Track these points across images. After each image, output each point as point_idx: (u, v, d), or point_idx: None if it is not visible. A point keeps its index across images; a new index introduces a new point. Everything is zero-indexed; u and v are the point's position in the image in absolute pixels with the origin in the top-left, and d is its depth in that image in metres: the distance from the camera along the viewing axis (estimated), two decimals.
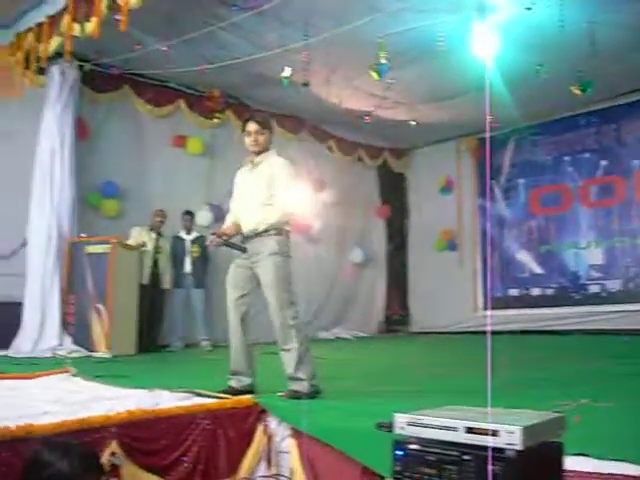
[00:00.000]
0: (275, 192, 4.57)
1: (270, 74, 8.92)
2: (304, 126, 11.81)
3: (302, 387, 4.40)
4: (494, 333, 2.99)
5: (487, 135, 11.27)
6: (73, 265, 8.37)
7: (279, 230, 4.57)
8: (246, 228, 4.64)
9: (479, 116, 9.34)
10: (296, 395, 4.34)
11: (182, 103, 10.38)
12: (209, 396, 4.34)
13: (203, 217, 10.08)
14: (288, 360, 4.48)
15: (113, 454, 3.46)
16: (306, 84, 8.63)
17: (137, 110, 9.93)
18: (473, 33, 7.29)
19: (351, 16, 7.36)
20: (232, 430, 3.98)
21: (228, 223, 4.84)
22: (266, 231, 4.55)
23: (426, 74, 9.21)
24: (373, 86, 9.46)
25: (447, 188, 13.09)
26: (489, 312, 11.99)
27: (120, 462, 3.49)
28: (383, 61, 7.86)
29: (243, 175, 4.84)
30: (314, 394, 4.41)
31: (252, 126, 4.67)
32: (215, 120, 10.59)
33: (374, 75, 8.10)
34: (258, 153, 4.71)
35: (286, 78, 8.28)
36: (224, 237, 4.69)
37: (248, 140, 4.70)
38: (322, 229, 11.87)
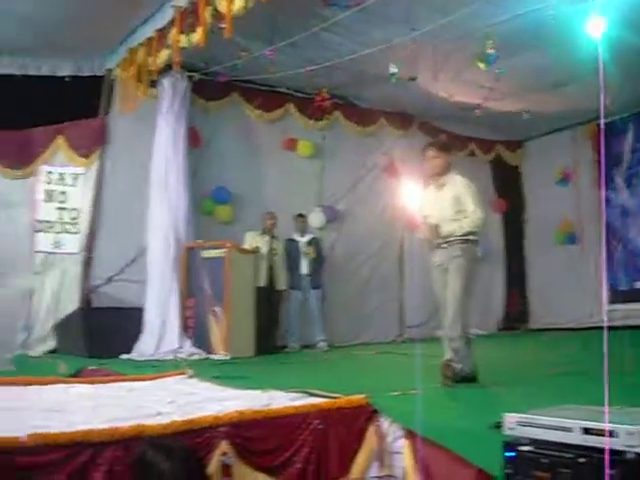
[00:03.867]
0: (463, 208, 5.11)
1: (377, 71, 8.82)
2: (413, 122, 11.65)
3: (460, 369, 4.85)
4: (619, 328, 2.80)
5: (601, 122, 10.68)
6: (190, 270, 8.58)
7: (465, 239, 5.08)
8: (441, 238, 5.15)
9: (595, 102, 8.89)
10: (454, 374, 4.80)
11: (291, 106, 10.48)
12: (321, 396, 4.30)
13: (316, 219, 10.13)
14: (450, 347, 4.93)
15: (224, 454, 3.48)
16: (413, 78, 8.51)
17: (247, 116, 10.11)
18: (584, 15, 6.94)
19: (457, 7, 7.17)
20: (343, 430, 3.93)
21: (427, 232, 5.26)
22: (456, 241, 5.07)
23: (536, 62, 8.84)
24: (482, 78, 9.20)
25: (564, 179, 12.53)
26: (614, 306, 11.38)
27: (231, 462, 3.51)
28: (490, 51, 7.64)
29: (430, 194, 5.35)
30: (469, 379, 4.89)
31: (429, 153, 5.28)
32: (324, 122, 10.62)
33: (481, 65, 7.89)
34: (440, 174, 5.27)
35: (393, 74, 8.18)
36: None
37: (426, 165, 5.33)
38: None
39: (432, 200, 5.29)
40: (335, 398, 4.19)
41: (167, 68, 8.36)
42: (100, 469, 3.08)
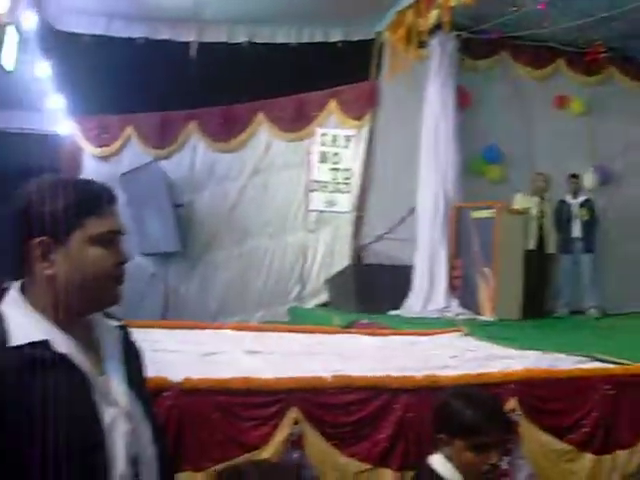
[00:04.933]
0: None
1: None
2: None
3: None
4: None
5: None
6: (459, 230, 8.58)
7: None
8: None
9: None
10: None
11: (561, 62, 9.98)
12: (610, 362, 4.14)
13: (588, 179, 9.65)
14: None
15: (512, 411, 3.48)
16: None
17: (515, 73, 9.80)
18: None
19: None
20: (636, 398, 3.76)
21: None
22: None
23: None
24: None
25: None
26: None
27: (518, 419, 3.50)
28: None
29: None
30: None
31: None
32: (597, 77, 10.04)
33: None
34: None
35: None
36: None
37: None
38: None
39: None
40: (624, 365, 4.01)
41: (436, 29, 8.34)
42: (394, 414, 3.23)
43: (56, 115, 9.41)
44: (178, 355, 3.61)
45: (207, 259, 9.53)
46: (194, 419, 2.89)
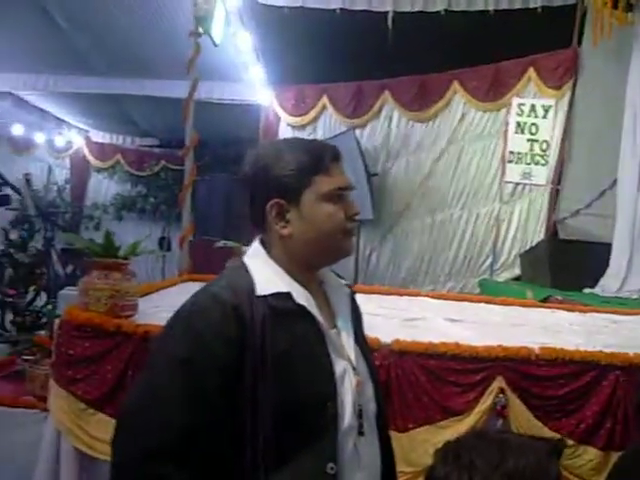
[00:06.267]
0: None
1: None
2: None
3: None
4: None
5: None
6: None
7: None
8: None
9: None
10: None
11: None
12: None
13: None
14: None
15: None
16: None
17: None
18: None
19: None
20: None
21: None
22: None
23: None
24: None
25: None
26: None
27: None
28: None
29: None
30: None
31: None
32: None
33: None
34: None
35: None
36: None
37: None
38: None
39: None
40: None
41: None
42: (603, 391, 3.13)
43: (255, 85, 9.79)
44: (381, 319, 3.68)
45: (398, 228, 9.61)
46: (400, 380, 2.96)
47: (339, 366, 1.74)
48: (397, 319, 3.82)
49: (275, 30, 9.09)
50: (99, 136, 14.48)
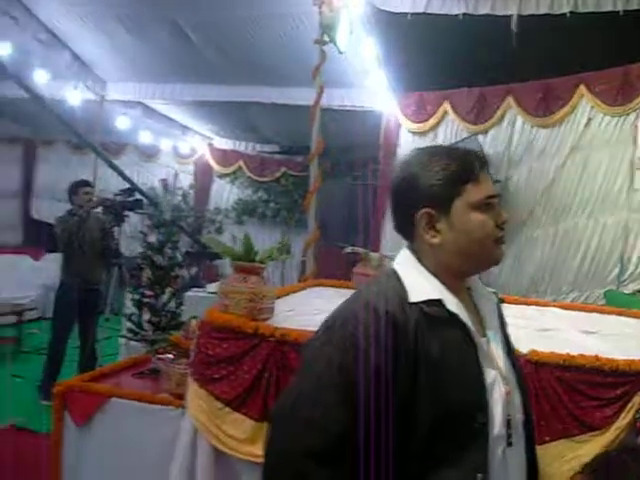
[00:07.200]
0: None
1: None
2: None
3: None
4: None
5: None
6: None
7: None
8: None
9: None
10: None
11: None
12: None
13: None
14: None
15: None
16: None
17: None
18: None
19: None
20: None
21: None
22: None
23: None
24: None
25: None
26: None
27: None
28: None
29: None
30: None
31: None
32: None
33: None
34: None
35: None
36: None
37: None
38: None
39: None
40: None
41: None
42: None
43: (376, 92, 9.84)
44: (513, 328, 3.61)
45: (521, 236, 9.39)
46: (537, 391, 2.90)
47: (489, 375, 1.74)
48: (529, 329, 3.75)
49: (397, 37, 9.09)
50: (222, 142, 14.89)
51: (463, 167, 1.78)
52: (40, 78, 9.70)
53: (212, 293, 6.68)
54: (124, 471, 3.68)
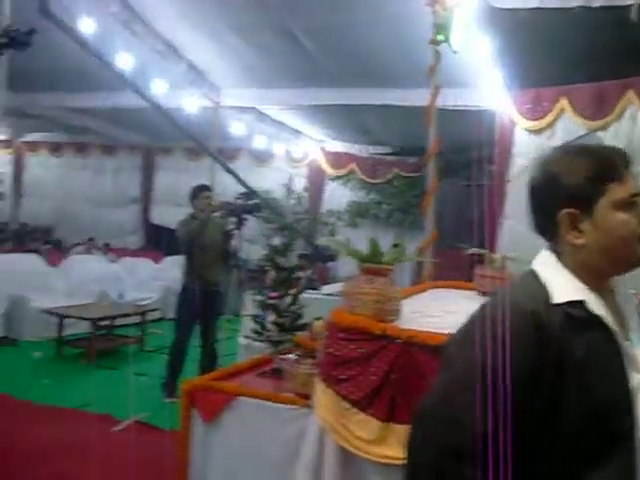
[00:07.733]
0: None
1: None
2: None
3: None
4: None
5: None
6: None
7: None
8: None
9: None
10: None
11: None
12: None
13: None
14: None
15: None
16: None
17: None
18: None
19: None
20: None
21: None
22: None
23: None
24: None
25: None
26: None
27: None
28: None
29: None
30: None
31: None
32: None
33: None
34: None
35: None
36: None
37: None
38: None
39: None
40: None
41: None
42: None
43: (490, 90, 9.68)
44: None
45: None
46: None
47: (633, 379, 1.71)
48: None
49: (511, 33, 8.93)
50: (334, 145, 15.03)
51: (607, 165, 1.75)
52: (158, 88, 10.10)
53: (328, 295, 6.74)
54: (249, 467, 3.75)
